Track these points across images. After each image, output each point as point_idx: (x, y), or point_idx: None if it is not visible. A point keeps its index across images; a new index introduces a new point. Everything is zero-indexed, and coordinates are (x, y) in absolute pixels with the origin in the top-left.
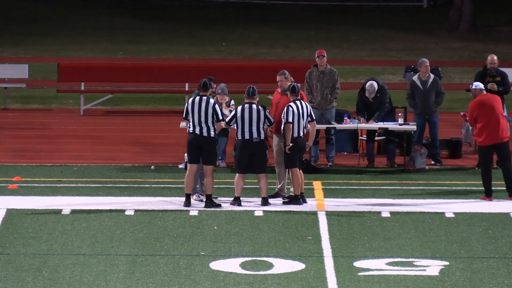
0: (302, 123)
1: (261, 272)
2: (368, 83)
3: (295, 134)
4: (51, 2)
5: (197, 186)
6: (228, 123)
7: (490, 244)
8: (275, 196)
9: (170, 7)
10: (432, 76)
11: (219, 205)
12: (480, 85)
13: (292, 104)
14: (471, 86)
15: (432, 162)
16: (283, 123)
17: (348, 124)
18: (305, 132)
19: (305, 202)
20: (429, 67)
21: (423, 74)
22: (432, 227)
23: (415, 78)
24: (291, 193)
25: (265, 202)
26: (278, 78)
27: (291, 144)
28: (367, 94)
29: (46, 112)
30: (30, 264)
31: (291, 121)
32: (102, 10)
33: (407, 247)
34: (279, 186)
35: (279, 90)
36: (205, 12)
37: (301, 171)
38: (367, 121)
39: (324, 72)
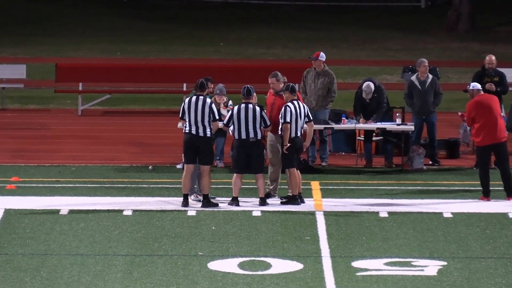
0: (300, 123)
1: (259, 272)
2: (364, 84)
3: (293, 134)
4: (51, 2)
5: (195, 186)
6: (226, 125)
7: (488, 244)
8: (267, 196)
9: (169, 7)
10: (430, 76)
11: (216, 205)
12: (477, 85)
13: (289, 104)
14: (469, 87)
15: (430, 162)
16: (280, 123)
17: (346, 124)
18: (302, 132)
19: (303, 202)
20: (428, 67)
21: (421, 74)
22: (430, 227)
23: (413, 78)
24: (289, 193)
25: (263, 202)
26: (270, 80)
27: (288, 144)
28: (364, 95)
29: (44, 112)
30: (28, 264)
31: (288, 121)
32: (101, 10)
33: (405, 247)
34: (271, 187)
35: (272, 91)
36: (204, 12)
37: (298, 171)
38: (365, 121)
39: (320, 73)
